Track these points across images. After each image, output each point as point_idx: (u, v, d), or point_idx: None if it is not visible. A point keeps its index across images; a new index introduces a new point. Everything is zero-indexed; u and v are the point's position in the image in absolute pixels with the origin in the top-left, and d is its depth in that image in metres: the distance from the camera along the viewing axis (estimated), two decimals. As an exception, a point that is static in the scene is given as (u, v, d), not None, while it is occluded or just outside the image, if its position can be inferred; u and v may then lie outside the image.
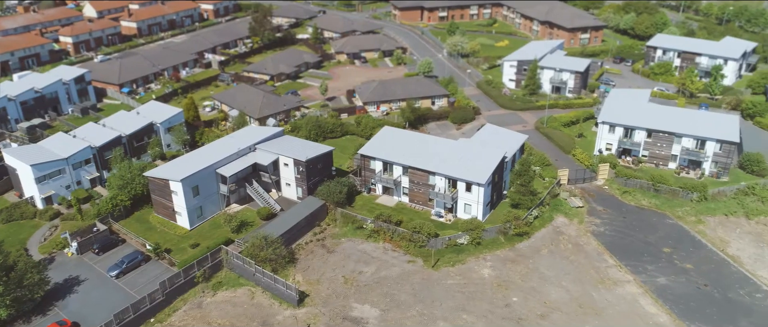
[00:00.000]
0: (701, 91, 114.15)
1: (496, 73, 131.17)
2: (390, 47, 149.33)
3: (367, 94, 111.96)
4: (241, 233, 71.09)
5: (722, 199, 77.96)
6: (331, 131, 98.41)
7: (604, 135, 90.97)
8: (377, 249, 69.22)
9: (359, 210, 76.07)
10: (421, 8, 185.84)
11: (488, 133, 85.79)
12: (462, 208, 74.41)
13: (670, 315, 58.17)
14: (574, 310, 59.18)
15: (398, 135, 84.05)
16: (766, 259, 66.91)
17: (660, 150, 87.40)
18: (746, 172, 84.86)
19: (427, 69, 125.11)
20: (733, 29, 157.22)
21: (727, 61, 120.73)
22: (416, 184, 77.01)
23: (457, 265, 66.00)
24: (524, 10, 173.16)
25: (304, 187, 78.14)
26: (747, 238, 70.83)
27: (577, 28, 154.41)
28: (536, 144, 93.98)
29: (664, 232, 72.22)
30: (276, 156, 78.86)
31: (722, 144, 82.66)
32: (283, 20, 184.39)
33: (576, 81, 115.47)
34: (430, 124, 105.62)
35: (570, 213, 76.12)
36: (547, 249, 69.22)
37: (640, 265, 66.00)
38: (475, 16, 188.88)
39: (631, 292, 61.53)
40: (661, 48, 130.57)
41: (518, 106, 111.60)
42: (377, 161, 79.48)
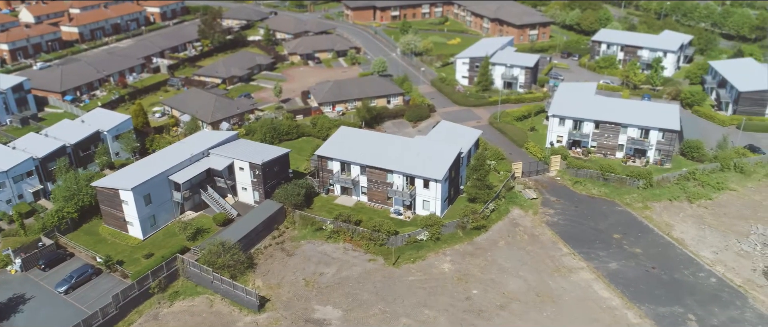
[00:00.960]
0: (644, 83, 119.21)
1: (449, 71, 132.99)
2: (344, 47, 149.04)
3: (322, 94, 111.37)
4: (197, 241, 69.39)
5: (666, 185, 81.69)
6: (287, 133, 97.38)
7: (555, 128, 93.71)
8: (337, 249, 68.98)
9: (318, 211, 75.61)
10: (373, 8, 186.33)
11: (444, 130, 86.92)
12: (420, 204, 75.09)
13: (622, 298, 60.52)
14: (532, 298, 60.73)
15: (355, 135, 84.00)
16: (707, 240, 70.56)
17: (607, 140, 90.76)
18: (687, 159, 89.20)
19: (381, 68, 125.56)
20: (670, 23, 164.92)
21: (666, 53, 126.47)
22: (374, 182, 77.18)
23: (418, 262, 66.57)
24: (474, 8, 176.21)
25: (261, 190, 77.02)
26: (689, 221, 74.49)
27: (525, 25, 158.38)
28: (490, 139, 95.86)
29: (614, 219, 75.04)
30: (231, 160, 77.38)
31: (664, 132, 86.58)
32: (234, 22, 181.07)
33: (526, 76, 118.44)
34: (386, 123, 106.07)
35: (525, 205, 78.04)
36: (504, 241, 70.73)
37: (592, 252, 68.37)
38: (427, 14, 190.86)
39: (585, 279, 63.66)
40: (605, 42, 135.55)
41: (472, 102, 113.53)
42: (335, 162, 79.21)
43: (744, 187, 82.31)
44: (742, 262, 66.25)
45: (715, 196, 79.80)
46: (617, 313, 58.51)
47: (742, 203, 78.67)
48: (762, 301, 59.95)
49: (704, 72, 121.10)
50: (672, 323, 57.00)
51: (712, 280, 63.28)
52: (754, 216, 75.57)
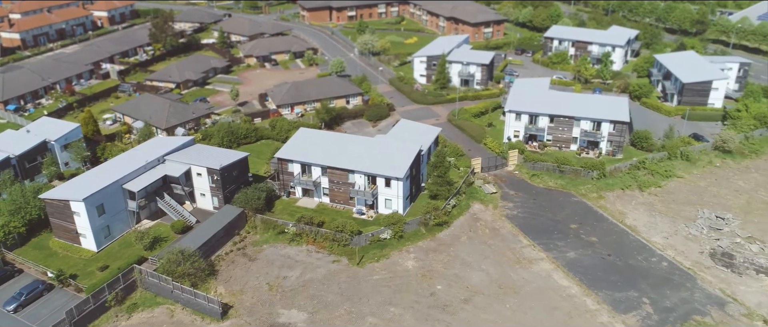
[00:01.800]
0: (594, 77, 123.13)
1: (407, 70, 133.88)
2: (300, 48, 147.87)
3: (280, 96, 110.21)
4: (154, 250, 67.50)
5: (618, 175, 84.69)
6: (245, 137, 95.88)
7: (512, 123, 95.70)
8: (301, 252, 68.44)
9: (280, 214, 74.80)
10: (329, 8, 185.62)
11: (403, 129, 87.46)
12: (383, 203, 75.33)
13: (580, 286, 62.40)
14: (495, 291, 61.88)
15: (315, 136, 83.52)
16: (658, 226, 73.55)
17: (562, 133, 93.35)
18: (637, 149, 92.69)
19: (339, 68, 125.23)
20: (617, 19, 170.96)
21: (614, 48, 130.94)
22: (336, 183, 76.95)
23: (382, 260, 66.78)
24: (430, 7, 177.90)
25: (220, 196, 75.59)
26: (641, 209, 77.48)
27: (480, 23, 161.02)
28: (449, 136, 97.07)
29: (571, 210, 77.27)
30: (188, 166, 75.62)
31: (615, 124, 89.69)
32: (186, 25, 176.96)
33: (483, 73, 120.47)
34: (346, 123, 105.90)
35: (485, 199, 79.41)
36: (466, 236, 71.78)
37: (551, 242, 70.20)
38: (383, 14, 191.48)
39: (545, 269, 65.32)
40: (557, 38, 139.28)
41: (430, 100, 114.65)
42: (295, 164, 78.52)
43: (690, 174, 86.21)
44: (691, 246, 69.40)
45: (663, 183, 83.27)
46: (576, 300, 60.29)
47: (689, 189, 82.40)
48: (709, 282, 62.96)
49: (650, 65, 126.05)
50: (628, 307, 59.15)
51: (663, 264, 66.02)
52: (700, 201, 79.26)
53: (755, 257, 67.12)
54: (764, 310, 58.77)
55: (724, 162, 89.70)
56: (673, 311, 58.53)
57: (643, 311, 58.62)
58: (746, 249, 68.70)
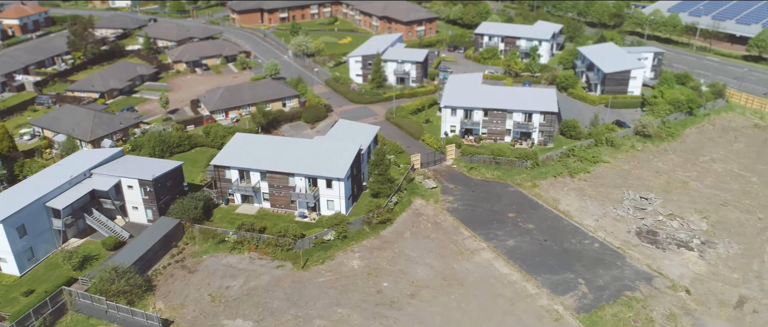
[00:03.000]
0: (523, 71, 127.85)
1: (343, 70, 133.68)
2: (232, 52, 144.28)
3: (214, 102, 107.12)
4: (85, 269, 63.85)
5: (550, 164, 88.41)
6: (178, 145, 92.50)
7: (448, 118, 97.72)
8: (243, 260, 66.87)
9: (219, 223, 72.74)
10: (260, 10, 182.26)
11: (342, 129, 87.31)
12: (325, 205, 74.89)
13: (520, 272, 64.65)
14: (440, 284, 63.00)
15: (252, 141, 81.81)
16: (589, 210, 77.41)
17: (496, 126, 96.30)
18: (566, 137, 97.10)
19: (273, 71, 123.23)
20: (542, 14, 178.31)
21: (541, 42, 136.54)
22: (276, 187, 75.73)
23: (327, 262, 66.40)
24: (362, 6, 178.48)
25: (155, 207, 72.56)
26: (573, 194, 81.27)
27: (413, 21, 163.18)
28: (388, 134, 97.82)
29: (508, 200, 79.88)
30: (117, 179, 72.06)
31: (545, 115, 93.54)
32: (108, 32, 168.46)
33: (417, 71, 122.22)
34: (284, 126, 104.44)
35: (426, 194, 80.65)
36: (409, 232, 72.62)
37: (491, 232, 72.29)
38: (315, 15, 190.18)
39: (487, 258, 67.19)
40: (487, 35, 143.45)
41: (367, 99, 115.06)
42: (232, 170, 76.58)
43: (615, 159, 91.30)
44: (619, 226, 73.53)
45: (592, 169, 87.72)
46: (517, 286, 62.42)
47: (615, 173, 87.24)
48: (637, 259, 66.96)
49: (574, 57, 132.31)
50: (565, 289, 61.89)
51: (595, 246, 69.56)
52: (625, 184, 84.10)
53: (676, 232, 72.02)
54: (686, 280, 63.18)
55: (645, 146, 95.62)
56: (606, 289, 61.80)
57: (579, 291, 61.53)
58: (668, 226, 73.59)
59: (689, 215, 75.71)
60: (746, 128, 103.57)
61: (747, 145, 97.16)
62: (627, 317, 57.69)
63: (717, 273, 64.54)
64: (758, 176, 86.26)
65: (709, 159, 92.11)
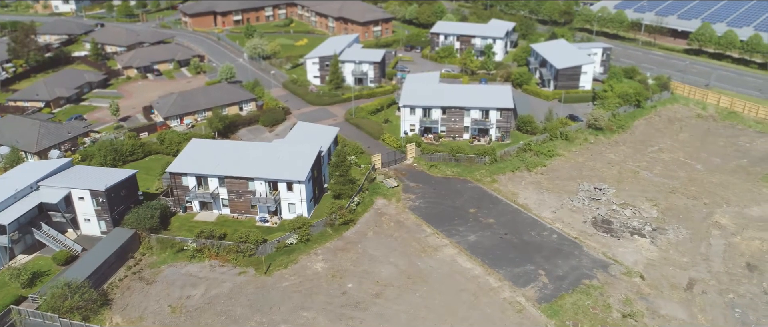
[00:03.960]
0: (479, 68, 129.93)
1: (300, 72, 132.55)
2: (185, 56, 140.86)
3: (167, 108, 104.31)
4: (35, 287, 61.10)
5: (508, 159, 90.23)
6: (131, 153, 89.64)
7: (407, 117, 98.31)
8: (204, 268, 65.41)
9: (177, 232, 70.91)
10: (213, 13, 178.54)
11: (301, 131, 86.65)
12: (286, 208, 74.09)
13: (483, 266, 65.70)
14: (404, 282, 63.33)
15: (209, 146, 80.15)
16: (546, 202, 79.41)
17: (454, 124, 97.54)
18: (522, 132, 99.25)
19: (229, 75, 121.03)
20: (496, 13, 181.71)
21: (495, 40, 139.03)
22: (235, 193, 74.40)
23: (290, 266, 65.72)
24: (318, 8, 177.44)
25: (108, 219, 70.11)
26: (530, 188, 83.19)
27: (369, 22, 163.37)
28: (348, 134, 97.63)
29: (468, 196, 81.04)
30: (67, 190, 69.27)
31: (501, 111, 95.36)
32: (52, 38, 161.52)
33: (375, 71, 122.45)
34: (242, 131, 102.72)
35: (388, 194, 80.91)
36: (372, 231, 72.70)
37: (452, 228, 73.17)
38: (270, 17, 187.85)
39: (450, 254, 67.98)
40: (442, 34, 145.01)
41: (326, 100, 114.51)
42: (189, 177, 74.79)
43: (570, 152, 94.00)
44: (575, 217, 75.75)
45: (548, 162, 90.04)
46: (480, 280, 63.42)
47: (570, 166, 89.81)
48: (593, 248, 69.15)
49: (528, 54, 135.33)
50: (526, 281, 63.29)
51: (553, 237, 71.41)
52: (580, 175, 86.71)
53: (629, 221, 74.77)
54: (640, 266, 65.68)
55: (597, 138, 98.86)
56: (565, 279, 63.55)
57: (540, 282, 63.04)
58: (621, 214, 76.32)
59: (641, 204, 78.73)
60: (690, 118, 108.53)
61: (691, 134, 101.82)
62: (586, 305, 59.48)
63: (668, 258, 67.35)
64: (702, 164, 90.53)
65: (657, 149, 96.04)
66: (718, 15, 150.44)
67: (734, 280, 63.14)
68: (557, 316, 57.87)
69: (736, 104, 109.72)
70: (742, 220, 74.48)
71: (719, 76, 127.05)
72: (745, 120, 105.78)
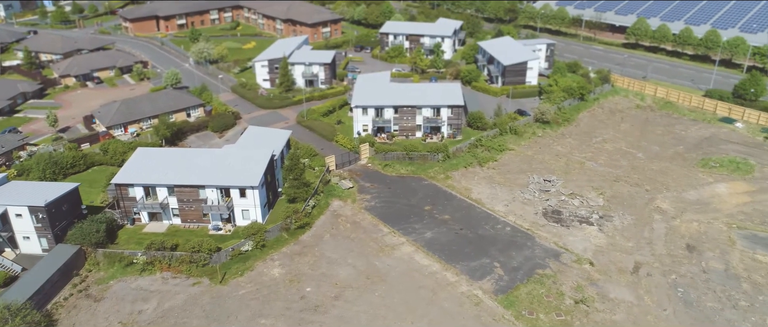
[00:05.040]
0: (429, 67, 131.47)
1: (249, 75, 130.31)
2: (128, 63, 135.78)
3: (110, 116, 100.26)
4: (-30, 312, 57.25)
5: (461, 155, 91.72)
6: (73, 166, 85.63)
7: (360, 118, 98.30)
8: (155, 281, 63.26)
9: (125, 245, 68.29)
10: (155, 17, 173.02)
11: (252, 135, 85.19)
12: (240, 215, 72.64)
13: (440, 262, 66.51)
14: (363, 282, 63.31)
15: (156, 155, 77.61)
16: (498, 196, 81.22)
17: (407, 122, 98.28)
18: (473, 129, 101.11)
19: (174, 80, 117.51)
20: (443, 12, 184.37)
21: (443, 38, 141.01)
22: (186, 202, 72.31)
23: (246, 273, 64.51)
24: (265, 10, 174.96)
25: (50, 235, 66.72)
26: (483, 183, 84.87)
27: (318, 23, 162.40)
28: (301, 137, 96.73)
29: (423, 193, 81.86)
30: (2, 208, 65.46)
31: (452, 108, 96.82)
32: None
33: (326, 72, 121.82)
34: (190, 137, 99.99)
35: (343, 195, 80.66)
36: (328, 234, 72.29)
37: (409, 226, 73.72)
38: (216, 20, 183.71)
39: (407, 252, 68.47)
40: (392, 34, 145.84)
41: (277, 104, 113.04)
42: (136, 187, 72.15)
43: (519, 146, 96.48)
44: (527, 209, 77.82)
45: (499, 157, 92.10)
46: (438, 276, 64.18)
47: (520, 159, 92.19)
48: (545, 238, 71.25)
49: (475, 52, 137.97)
50: (482, 274, 64.52)
51: (507, 229, 73.12)
52: (529, 168, 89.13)
53: (577, 210, 77.49)
54: (589, 253, 68.17)
55: (545, 131, 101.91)
56: (520, 269, 65.19)
57: (496, 274, 64.41)
58: (570, 204, 78.99)
59: (587, 193, 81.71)
60: (630, 109, 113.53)
61: (631, 124, 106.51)
62: (540, 293, 61.21)
63: (614, 243, 70.22)
64: (643, 152, 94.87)
65: (600, 140, 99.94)
66: (652, 10, 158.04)
67: (676, 262, 66.51)
68: (513, 307, 59.29)
69: (671, 94, 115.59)
70: (681, 204, 78.55)
71: (655, 69, 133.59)
72: (680, 109, 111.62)
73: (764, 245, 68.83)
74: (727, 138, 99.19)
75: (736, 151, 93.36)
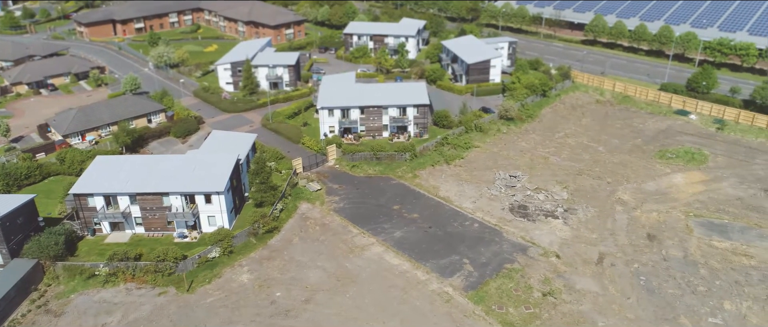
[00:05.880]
0: (394, 67, 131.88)
1: (211, 79, 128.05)
2: (84, 69, 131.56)
3: (66, 125, 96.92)
4: None
5: (427, 154, 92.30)
6: (27, 177, 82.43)
7: (326, 119, 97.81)
8: (119, 293, 61.44)
9: (86, 257, 66.13)
10: (111, 21, 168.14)
11: (216, 140, 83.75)
12: (206, 221, 71.27)
13: (410, 261, 66.75)
14: (334, 285, 62.99)
15: (116, 162, 75.33)
16: (466, 193, 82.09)
17: (373, 122, 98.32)
18: (439, 127, 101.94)
19: (133, 86, 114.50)
20: (406, 12, 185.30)
21: (407, 38, 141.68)
22: (149, 210, 70.50)
23: (214, 280, 63.32)
24: (226, 12, 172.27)
25: (5, 250, 63.98)
26: (450, 180, 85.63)
27: (281, 25, 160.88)
28: (266, 140, 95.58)
29: (392, 193, 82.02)
30: (-48, 223, 62.40)
31: (418, 107, 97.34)
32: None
33: (290, 74, 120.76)
34: (152, 144, 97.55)
35: (311, 197, 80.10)
36: (297, 237, 71.66)
37: (378, 226, 73.75)
38: (176, 23, 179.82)
39: (377, 252, 68.46)
40: (356, 34, 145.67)
41: (241, 107, 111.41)
42: (96, 197, 69.94)
43: (485, 143, 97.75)
44: (494, 205, 78.91)
45: (465, 154, 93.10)
46: (408, 275, 64.41)
47: (486, 156, 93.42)
48: (512, 233, 72.39)
49: (439, 51, 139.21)
50: (452, 271, 65.07)
51: (475, 226, 73.96)
52: (495, 165, 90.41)
53: (542, 204, 79.01)
54: (555, 246, 69.60)
55: (509, 128, 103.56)
56: (489, 265, 66.03)
57: (465, 271, 65.06)
58: (535, 199, 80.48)
59: (552, 187, 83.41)
60: (590, 104, 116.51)
61: (592, 119, 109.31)
62: (509, 288, 62.14)
63: (579, 235, 71.91)
64: (604, 146, 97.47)
65: (563, 135, 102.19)
66: (608, 7, 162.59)
67: (638, 251, 68.58)
68: (483, 302, 60.01)
69: (628, 89, 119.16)
70: (641, 194, 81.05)
71: (613, 64, 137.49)
72: (638, 103, 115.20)
73: (719, 232, 71.68)
74: (682, 130, 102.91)
75: (691, 142, 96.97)
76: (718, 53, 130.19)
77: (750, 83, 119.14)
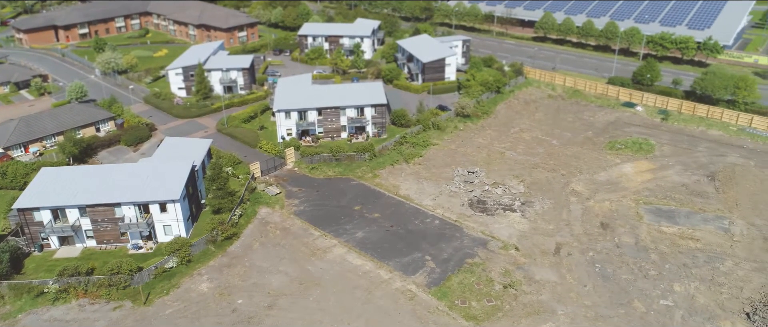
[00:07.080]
0: (350, 67, 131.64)
1: (162, 84, 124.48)
2: (24, 77, 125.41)
3: (7, 136, 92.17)
4: None
5: (387, 153, 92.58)
6: (-34, 193, 77.99)
7: (283, 122, 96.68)
8: (71, 310, 58.92)
9: (34, 274, 63.13)
10: (53, 27, 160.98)
11: (170, 147, 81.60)
12: (162, 231, 69.24)
13: (373, 261, 66.79)
14: (297, 288, 62.34)
15: (63, 174, 72.24)
16: (426, 191, 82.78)
17: (331, 124, 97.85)
18: (398, 126, 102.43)
19: (79, 94, 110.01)
20: (360, 12, 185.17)
21: (363, 38, 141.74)
22: (101, 222, 67.92)
23: (172, 291, 61.58)
24: (176, 15, 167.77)
25: (-57, 271, 60.30)
26: (410, 179, 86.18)
27: (233, 28, 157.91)
28: (222, 145, 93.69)
29: (352, 194, 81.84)
30: None
31: (376, 107, 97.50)
32: None
33: (245, 77, 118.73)
34: (101, 153, 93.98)
35: (271, 202, 79.02)
36: (258, 242, 70.55)
37: (340, 227, 73.45)
38: (123, 28, 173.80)
39: (339, 254, 68.18)
40: (310, 35, 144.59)
41: (194, 112, 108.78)
42: (43, 211, 66.84)
43: (442, 140, 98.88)
44: (453, 201, 79.91)
45: (423, 152, 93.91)
46: (372, 275, 64.44)
47: (444, 153, 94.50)
48: (472, 228, 73.49)
49: (395, 51, 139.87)
50: (415, 269, 65.50)
51: (436, 223, 74.70)
52: (453, 162, 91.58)
53: (501, 198, 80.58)
54: (514, 239, 71.10)
55: (466, 125, 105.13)
56: (450, 261, 66.82)
57: (428, 268, 65.62)
58: (493, 193, 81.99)
59: (509, 181, 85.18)
60: (543, 99, 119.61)
61: (545, 113, 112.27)
62: (471, 282, 63.06)
63: (537, 227, 73.71)
64: (557, 139, 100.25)
65: (518, 130, 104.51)
66: (557, 5, 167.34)
67: (592, 239, 70.88)
68: (446, 298, 60.68)
69: (578, 83, 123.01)
70: (593, 185, 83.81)
71: (563, 60, 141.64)
72: (587, 96, 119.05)
73: (667, 218, 74.93)
74: (629, 121, 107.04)
75: (638, 133, 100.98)
76: (660, 47, 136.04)
77: (690, 75, 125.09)
